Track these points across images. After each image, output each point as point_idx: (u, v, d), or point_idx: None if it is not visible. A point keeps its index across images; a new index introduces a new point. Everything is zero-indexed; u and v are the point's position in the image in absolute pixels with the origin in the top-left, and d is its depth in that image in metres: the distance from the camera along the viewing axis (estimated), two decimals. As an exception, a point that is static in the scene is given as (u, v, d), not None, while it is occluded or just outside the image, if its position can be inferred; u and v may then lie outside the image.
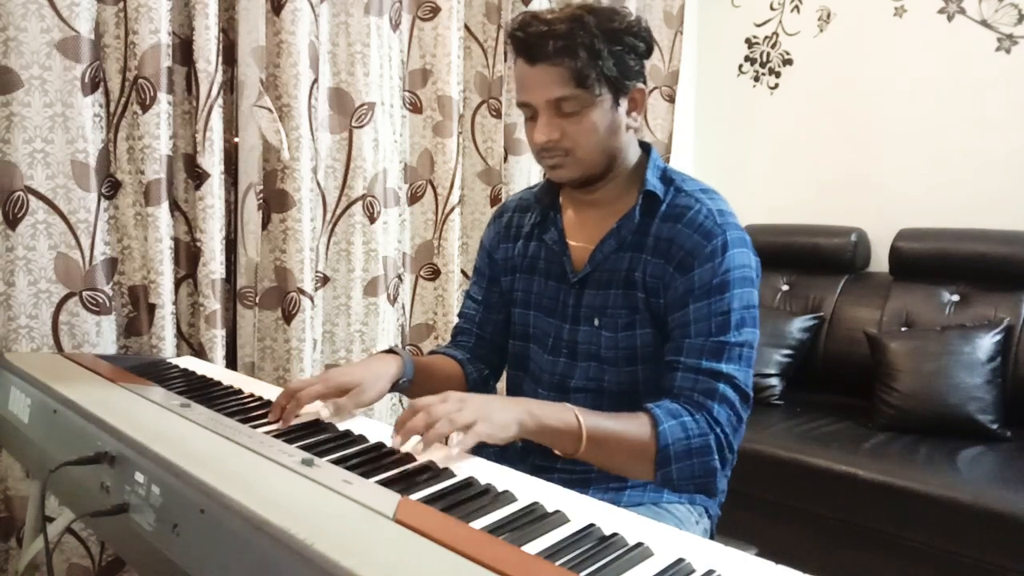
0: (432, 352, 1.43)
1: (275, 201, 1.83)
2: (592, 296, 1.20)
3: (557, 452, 1.07)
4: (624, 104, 1.14)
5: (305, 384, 1.14)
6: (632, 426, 1.06)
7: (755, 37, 3.10)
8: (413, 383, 1.26)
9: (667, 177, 1.20)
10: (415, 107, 2.20)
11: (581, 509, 0.83)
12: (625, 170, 1.20)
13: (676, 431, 1.06)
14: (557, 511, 0.82)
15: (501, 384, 2.41)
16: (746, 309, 1.12)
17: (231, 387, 1.33)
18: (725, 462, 1.09)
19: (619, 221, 1.18)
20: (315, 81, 1.84)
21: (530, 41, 1.09)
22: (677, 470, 1.06)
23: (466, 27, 2.28)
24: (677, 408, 1.08)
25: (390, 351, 1.27)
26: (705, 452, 1.07)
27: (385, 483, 0.87)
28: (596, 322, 1.19)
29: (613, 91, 1.12)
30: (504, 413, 1.00)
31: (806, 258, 2.79)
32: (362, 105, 1.97)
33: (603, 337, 1.19)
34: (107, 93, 1.60)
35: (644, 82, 1.17)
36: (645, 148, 1.23)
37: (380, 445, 1.02)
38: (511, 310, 1.35)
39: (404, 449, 1.00)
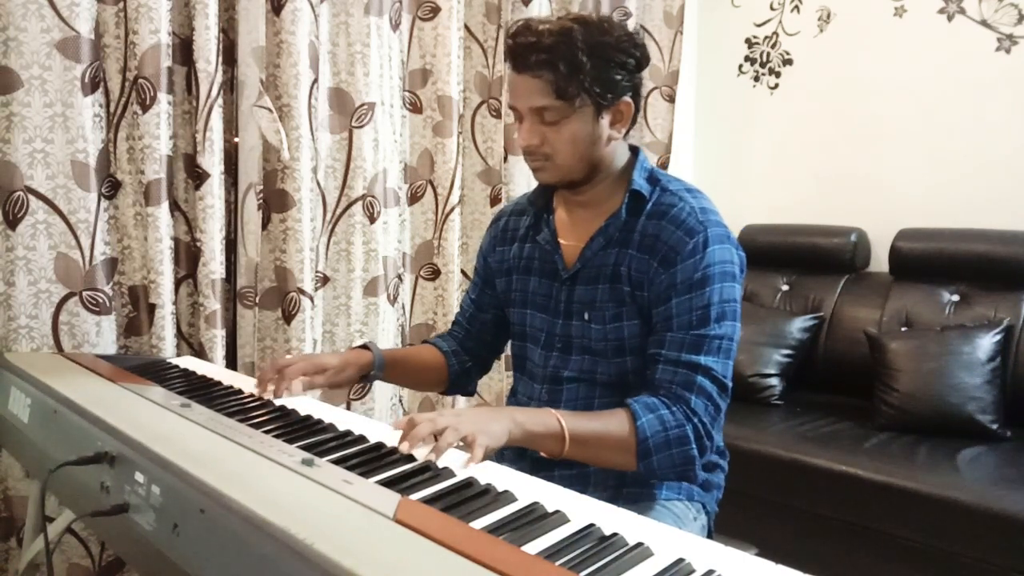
0: (424, 341, 1.50)
1: (275, 201, 1.83)
2: (582, 291, 1.24)
3: (543, 454, 1.13)
4: (607, 117, 1.18)
5: (290, 362, 1.28)
6: (612, 423, 1.12)
7: (755, 37, 3.10)
8: (388, 371, 1.38)
9: (653, 178, 1.24)
10: (415, 107, 2.20)
11: (581, 509, 0.84)
12: (612, 173, 1.24)
13: (654, 424, 1.11)
14: (557, 511, 0.82)
15: (501, 385, 2.41)
16: (726, 303, 1.15)
17: (231, 387, 1.33)
18: (703, 450, 1.14)
19: (607, 220, 1.23)
20: (315, 81, 1.84)
21: (517, 51, 1.14)
22: (658, 460, 1.11)
23: (466, 27, 2.28)
24: (655, 402, 1.13)
25: (364, 347, 1.37)
26: (683, 442, 1.11)
27: (385, 483, 0.87)
28: (586, 316, 1.24)
29: (595, 104, 1.15)
30: (496, 424, 1.05)
31: (806, 258, 2.79)
32: (362, 105, 1.97)
33: (593, 330, 1.23)
34: (107, 93, 1.60)
35: (635, 96, 1.19)
36: (634, 151, 1.27)
37: (380, 445, 1.02)
38: (510, 310, 1.38)
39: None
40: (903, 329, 2.44)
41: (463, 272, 2.31)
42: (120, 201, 1.64)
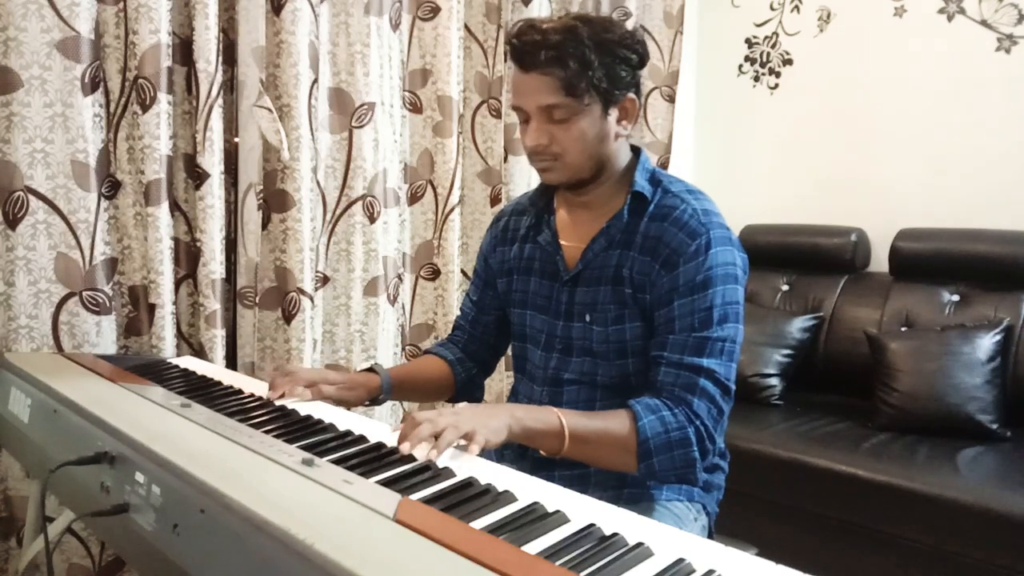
0: (427, 351, 1.49)
1: (275, 201, 1.83)
2: (583, 293, 1.24)
3: (543, 452, 1.12)
4: (614, 113, 1.18)
5: (299, 369, 1.29)
6: (613, 423, 1.11)
7: (755, 37, 3.10)
8: (396, 392, 1.37)
9: (655, 179, 1.24)
10: (415, 107, 2.20)
11: (581, 509, 0.84)
12: (616, 173, 1.24)
13: (655, 425, 1.10)
14: (557, 511, 0.82)
15: (501, 385, 2.41)
16: (728, 305, 1.15)
17: (231, 387, 1.33)
18: (705, 453, 1.13)
19: (609, 221, 1.22)
20: (315, 81, 1.84)
21: (524, 49, 1.13)
22: (658, 462, 1.11)
23: (466, 27, 2.28)
24: (657, 403, 1.12)
25: (371, 370, 1.36)
26: (685, 444, 1.11)
27: (385, 483, 0.87)
28: (587, 318, 1.23)
29: (603, 101, 1.15)
30: (495, 420, 1.05)
31: (806, 258, 2.79)
32: (362, 105, 1.97)
33: (594, 332, 1.23)
34: (107, 93, 1.60)
35: (637, 92, 1.20)
36: (635, 151, 1.27)
37: (380, 445, 1.02)
38: (510, 311, 1.38)
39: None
40: (903, 329, 2.44)
41: (463, 272, 2.31)
42: (120, 201, 1.64)
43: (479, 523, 0.79)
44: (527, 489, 0.89)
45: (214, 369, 1.53)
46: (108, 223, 1.62)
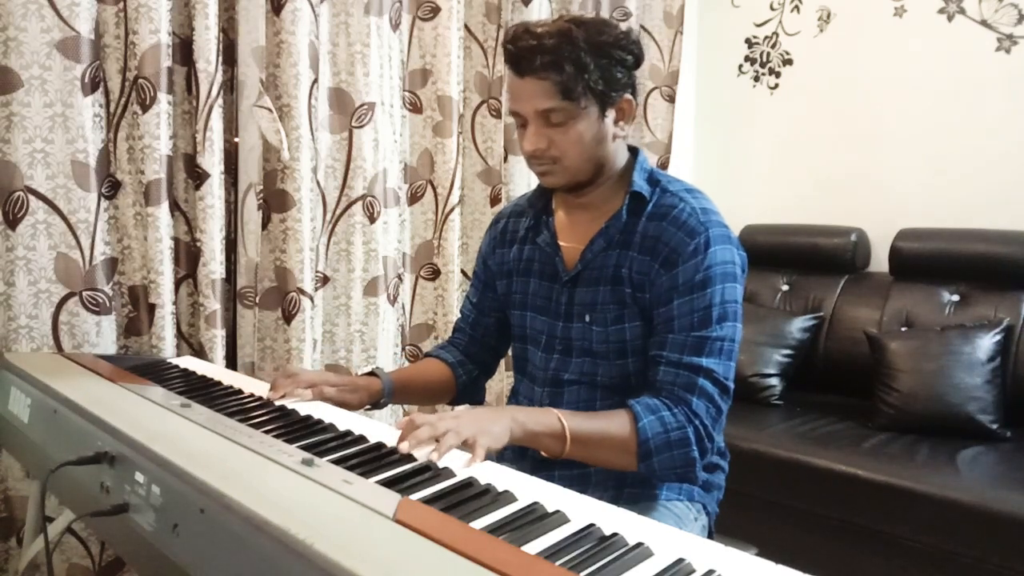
0: (427, 354, 1.49)
1: (275, 201, 1.83)
2: (583, 293, 1.24)
3: (544, 454, 1.12)
4: (611, 115, 1.18)
5: (301, 370, 1.33)
6: (613, 424, 1.12)
7: (755, 37, 3.10)
8: (397, 396, 1.37)
9: (653, 179, 1.24)
10: (415, 107, 2.20)
11: (581, 509, 0.84)
12: (614, 174, 1.24)
13: (655, 426, 1.11)
14: (557, 511, 0.82)
15: (501, 385, 2.41)
16: (727, 304, 1.15)
17: (231, 387, 1.33)
18: (704, 452, 1.14)
19: (607, 221, 1.22)
20: (315, 81, 1.84)
21: (519, 54, 1.13)
22: (658, 462, 1.11)
23: (466, 27, 2.28)
24: (656, 403, 1.13)
25: (372, 373, 1.36)
26: (684, 444, 1.12)
27: (385, 483, 0.87)
28: (587, 318, 1.23)
29: (599, 103, 1.15)
30: (496, 424, 1.05)
31: (806, 258, 2.79)
32: (362, 105, 1.97)
33: (594, 332, 1.23)
34: (107, 93, 1.60)
35: (633, 92, 1.20)
36: (633, 151, 1.27)
37: (380, 445, 1.02)
38: (510, 312, 1.38)
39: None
40: (903, 329, 2.44)
41: (463, 272, 2.31)
42: (120, 201, 1.64)
43: (479, 523, 0.79)
44: (527, 489, 0.89)
45: (214, 369, 1.53)
46: (108, 223, 1.62)
